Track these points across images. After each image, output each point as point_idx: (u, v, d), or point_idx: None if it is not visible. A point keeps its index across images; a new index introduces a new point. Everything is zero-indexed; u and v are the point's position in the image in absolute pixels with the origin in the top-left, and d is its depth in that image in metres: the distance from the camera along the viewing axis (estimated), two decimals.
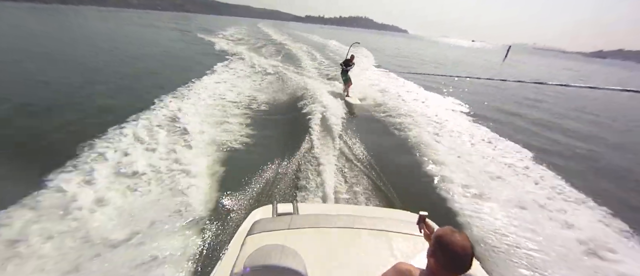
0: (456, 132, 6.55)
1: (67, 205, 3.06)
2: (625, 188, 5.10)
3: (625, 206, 4.33)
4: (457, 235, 0.98)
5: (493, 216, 3.58)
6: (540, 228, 3.45)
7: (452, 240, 0.97)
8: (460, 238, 0.97)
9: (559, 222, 3.63)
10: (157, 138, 4.82)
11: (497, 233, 3.27)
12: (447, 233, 1.00)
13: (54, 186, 3.33)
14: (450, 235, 0.98)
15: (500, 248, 3.06)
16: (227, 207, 3.34)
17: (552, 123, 8.96)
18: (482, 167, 4.89)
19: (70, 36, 19.87)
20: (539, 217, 3.67)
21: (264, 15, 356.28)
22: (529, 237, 3.27)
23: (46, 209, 2.98)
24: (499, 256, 2.96)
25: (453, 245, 0.95)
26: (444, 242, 0.97)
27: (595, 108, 12.46)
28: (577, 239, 3.32)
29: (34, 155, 4.33)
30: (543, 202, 4.03)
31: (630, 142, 8.27)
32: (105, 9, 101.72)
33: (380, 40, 57.12)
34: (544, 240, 3.24)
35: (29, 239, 2.62)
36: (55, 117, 5.72)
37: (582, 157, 6.40)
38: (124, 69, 10.56)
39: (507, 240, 3.19)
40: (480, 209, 3.69)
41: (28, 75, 8.63)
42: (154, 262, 2.48)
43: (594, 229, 3.53)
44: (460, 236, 0.98)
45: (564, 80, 22.01)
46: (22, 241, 2.60)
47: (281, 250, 1.18)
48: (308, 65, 14.42)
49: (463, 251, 0.95)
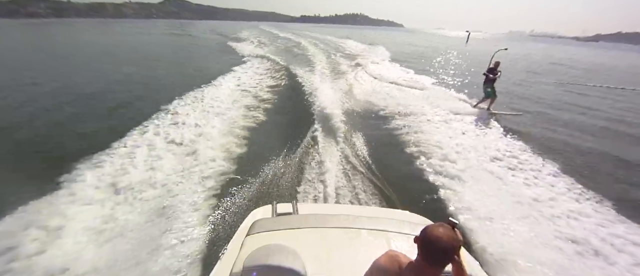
0: (457, 131, 6.49)
1: (74, 209, 3.15)
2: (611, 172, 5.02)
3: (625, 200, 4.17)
4: (437, 227, 0.95)
5: (493, 216, 3.50)
6: (541, 227, 3.40)
7: (428, 231, 0.95)
8: (440, 229, 0.93)
9: (562, 219, 3.55)
10: (152, 141, 4.89)
11: (497, 233, 3.22)
12: (430, 225, 0.97)
13: (54, 189, 3.47)
14: (430, 227, 0.96)
15: (500, 248, 2.99)
16: (226, 207, 3.35)
17: (553, 116, 8.41)
18: (483, 167, 4.85)
19: (62, 50, 19.54)
20: (540, 217, 3.60)
21: (260, 18, 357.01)
22: (529, 237, 3.20)
23: (39, 214, 3.07)
24: (499, 256, 2.89)
25: (428, 236, 0.94)
26: (424, 234, 0.95)
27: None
28: (578, 238, 3.22)
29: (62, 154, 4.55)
30: (545, 201, 3.95)
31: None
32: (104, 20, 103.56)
33: (372, 34, 59.00)
34: (544, 240, 3.18)
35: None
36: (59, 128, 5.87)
37: (587, 153, 5.93)
38: (126, 78, 10.58)
39: (507, 240, 3.13)
40: (480, 209, 3.61)
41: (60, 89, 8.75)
42: (153, 262, 2.50)
43: (599, 230, 3.39)
44: (441, 228, 0.94)
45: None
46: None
47: (281, 250, 1.18)
48: (309, 63, 14.61)
49: (436, 242, 0.91)
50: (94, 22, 74.94)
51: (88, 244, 2.70)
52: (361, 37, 40.36)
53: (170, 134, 5.28)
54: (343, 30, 64.89)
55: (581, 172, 4.97)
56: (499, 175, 4.56)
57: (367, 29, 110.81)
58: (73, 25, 54.58)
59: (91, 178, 3.78)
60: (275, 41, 27.24)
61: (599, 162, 5.52)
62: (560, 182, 4.50)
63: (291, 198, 3.51)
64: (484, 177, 4.47)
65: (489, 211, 3.57)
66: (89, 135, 5.43)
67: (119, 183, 3.68)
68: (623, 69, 23.53)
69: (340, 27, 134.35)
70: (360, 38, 38.14)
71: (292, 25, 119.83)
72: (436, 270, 0.95)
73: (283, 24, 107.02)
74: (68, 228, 2.87)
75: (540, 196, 4.06)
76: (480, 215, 3.48)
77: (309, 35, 36.67)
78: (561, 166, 4.97)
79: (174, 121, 5.90)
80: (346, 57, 18.06)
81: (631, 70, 23.33)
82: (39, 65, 12.93)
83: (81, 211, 3.15)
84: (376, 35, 55.22)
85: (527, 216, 3.58)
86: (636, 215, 3.69)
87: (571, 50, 53.74)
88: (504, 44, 59.18)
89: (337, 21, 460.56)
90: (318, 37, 33.82)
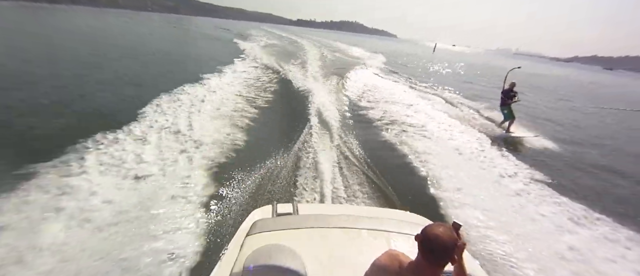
0: (456, 133, 6.75)
1: (64, 205, 3.02)
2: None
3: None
4: (437, 227, 0.95)
5: (493, 215, 3.55)
6: (541, 227, 3.46)
7: (428, 230, 0.95)
8: (439, 229, 0.94)
9: (560, 224, 3.60)
10: (154, 141, 4.77)
11: (497, 233, 3.24)
12: (430, 225, 0.98)
13: (39, 184, 3.28)
14: (431, 226, 0.97)
15: (500, 247, 3.02)
16: (226, 207, 3.34)
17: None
18: (483, 167, 4.99)
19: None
20: (540, 217, 3.67)
21: (258, 18, 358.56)
22: (530, 237, 3.23)
23: (34, 204, 2.99)
24: (499, 256, 2.92)
25: (428, 235, 0.94)
26: (424, 233, 0.96)
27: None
28: (580, 241, 3.28)
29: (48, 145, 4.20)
30: (544, 204, 4.06)
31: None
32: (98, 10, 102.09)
33: (366, 42, 62.33)
34: (545, 240, 3.22)
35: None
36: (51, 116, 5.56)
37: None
38: (122, 71, 10.20)
39: (507, 239, 3.15)
40: (480, 209, 3.66)
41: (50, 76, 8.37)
42: (153, 262, 2.50)
43: (598, 236, 3.47)
44: (441, 227, 0.95)
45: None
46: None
47: (281, 250, 1.19)
48: (308, 64, 14.96)
49: (436, 241, 0.92)
50: (85, 10, 70.74)
51: (83, 247, 2.60)
52: (348, 41, 48.03)
53: (170, 134, 5.15)
54: (340, 37, 68.36)
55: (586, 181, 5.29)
56: (499, 176, 4.78)
57: (361, 37, 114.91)
58: (69, 12, 52.93)
59: (88, 181, 3.56)
60: (277, 39, 30.45)
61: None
62: (563, 181, 4.92)
63: (291, 199, 3.52)
64: (484, 177, 4.59)
65: (488, 210, 3.66)
66: (74, 132, 4.76)
67: (120, 183, 3.59)
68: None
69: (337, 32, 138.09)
70: (347, 41, 45.95)
71: (289, 28, 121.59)
72: (436, 270, 0.96)
73: (274, 26, 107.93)
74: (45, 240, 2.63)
75: (542, 196, 4.30)
76: (480, 214, 3.57)
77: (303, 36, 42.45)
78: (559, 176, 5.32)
79: (173, 122, 5.66)
80: (335, 53, 21.11)
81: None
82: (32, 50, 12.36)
83: (82, 210, 3.05)
84: (358, 40, 61.91)
85: (528, 216, 3.71)
86: None
87: (554, 69, 61.09)
88: (488, 58, 67.67)
89: (332, 27, 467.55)
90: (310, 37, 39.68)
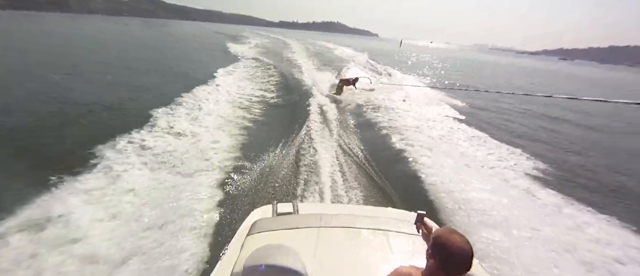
0: (455, 132, 6.80)
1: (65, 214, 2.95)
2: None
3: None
4: (456, 235, 0.96)
5: (493, 215, 3.55)
6: (540, 227, 3.45)
7: (451, 240, 0.94)
8: (459, 238, 0.95)
9: (562, 222, 3.61)
10: (155, 141, 4.82)
11: (496, 233, 3.23)
12: (446, 233, 0.98)
13: (50, 197, 3.22)
14: (448, 235, 0.96)
15: (500, 247, 3.00)
16: (227, 207, 3.37)
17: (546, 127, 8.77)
18: (481, 167, 5.01)
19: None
20: (540, 216, 3.69)
21: (237, 21, 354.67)
22: (529, 237, 3.24)
23: (36, 221, 2.87)
24: (498, 255, 2.90)
25: (452, 246, 0.93)
26: (443, 243, 0.95)
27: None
28: (580, 240, 3.25)
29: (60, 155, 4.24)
30: (544, 201, 4.06)
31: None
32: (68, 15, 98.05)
33: (345, 40, 64.43)
34: (545, 240, 3.21)
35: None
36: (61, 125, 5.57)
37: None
38: (119, 80, 9.97)
39: (507, 239, 3.15)
40: (479, 208, 3.67)
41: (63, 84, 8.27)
42: (153, 262, 2.50)
43: (602, 233, 3.46)
44: (459, 236, 0.96)
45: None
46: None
47: (281, 250, 1.19)
48: (305, 65, 15.26)
49: (462, 252, 0.92)
50: (56, 17, 69.71)
51: (84, 254, 2.58)
52: (330, 39, 52.59)
53: (169, 135, 5.22)
54: (323, 37, 70.32)
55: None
56: (500, 176, 4.81)
57: (344, 37, 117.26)
58: (44, 18, 52.70)
59: (86, 185, 3.55)
60: (270, 41, 32.63)
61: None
62: (564, 183, 4.91)
63: (291, 198, 3.56)
64: (483, 176, 4.64)
65: (487, 210, 3.67)
66: (76, 144, 4.77)
67: (119, 183, 3.63)
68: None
69: (320, 34, 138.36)
70: (327, 39, 50.51)
71: (272, 29, 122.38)
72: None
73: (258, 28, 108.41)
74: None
75: (541, 196, 4.27)
76: (479, 214, 3.60)
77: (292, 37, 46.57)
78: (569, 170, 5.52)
79: (171, 123, 5.69)
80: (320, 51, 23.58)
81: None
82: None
83: (80, 211, 3.05)
84: (340, 39, 66.38)
85: (528, 216, 3.69)
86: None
87: (523, 62, 67.63)
88: (456, 53, 75.40)
89: (315, 28, 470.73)
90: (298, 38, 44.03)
